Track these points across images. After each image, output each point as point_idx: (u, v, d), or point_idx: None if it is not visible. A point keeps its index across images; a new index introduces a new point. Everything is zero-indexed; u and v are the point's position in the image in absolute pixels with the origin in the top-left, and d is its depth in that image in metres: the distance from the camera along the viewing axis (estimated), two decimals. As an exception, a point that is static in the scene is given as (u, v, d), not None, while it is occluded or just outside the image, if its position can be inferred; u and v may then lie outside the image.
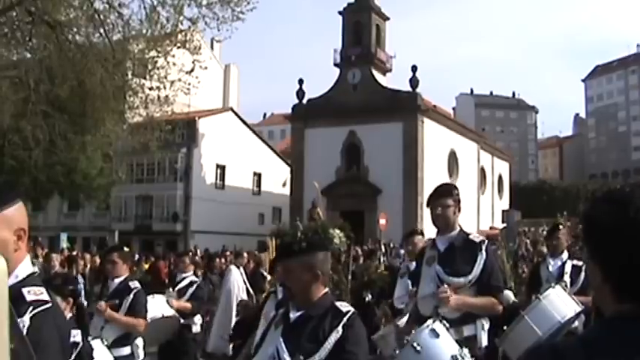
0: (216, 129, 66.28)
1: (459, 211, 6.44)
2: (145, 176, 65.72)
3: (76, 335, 5.69)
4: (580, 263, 9.28)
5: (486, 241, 6.43)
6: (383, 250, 26.53)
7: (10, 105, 24.05)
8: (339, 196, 55.05)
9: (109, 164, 44.02)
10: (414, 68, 59.00)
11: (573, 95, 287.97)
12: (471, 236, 6.42)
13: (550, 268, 9.22)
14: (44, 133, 25.35)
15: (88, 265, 21.89)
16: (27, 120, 24.66)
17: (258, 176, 73.08)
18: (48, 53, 24.66)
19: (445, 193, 6.45)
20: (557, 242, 9.42)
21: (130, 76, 26.04)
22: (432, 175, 56.29)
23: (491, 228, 65.08)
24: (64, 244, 38.21)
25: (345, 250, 27.76)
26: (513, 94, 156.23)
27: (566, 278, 8.86)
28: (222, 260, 21.48)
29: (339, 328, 4.13)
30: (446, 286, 5.91)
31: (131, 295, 8.19)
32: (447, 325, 5.48)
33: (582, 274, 8.98)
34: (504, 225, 38.77)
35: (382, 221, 41.22)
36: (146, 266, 25.73)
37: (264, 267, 19.05)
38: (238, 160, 68.01)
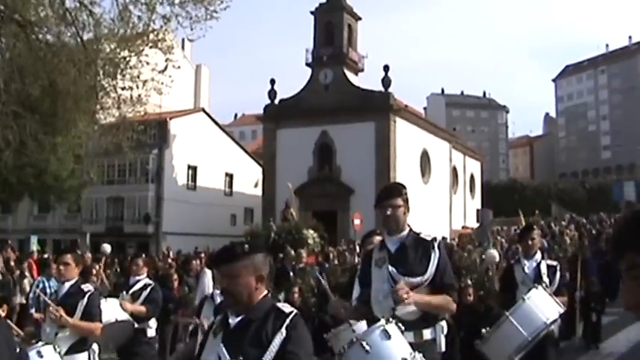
0: (187, 130, 66.09)
1: (408, 210, 6.24)
2: (116, 177, 65.42)
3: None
4: (555, 263, 9.32)
5: (438, 239, 6.24)
6: (358, 250, 26.32)
7: (-22, 105, 23.67)
8: (311, 196, 55.17)
9: (80, 165, 43.65)
10: (386, 68, 58.96)
11: (543, 95, 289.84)
12: (422, 235, 6.19)
13: (526, 270, 9.05)
14: (14, 134, 24.94)
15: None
16: (-4, 120, 24.29)
17: (230, 177, 72.90)
18: (18, 52, 24.31)
19: (395, 192, 6.26)
20: (532, 243, 9.22)
21: (101, 76, 25.70)
22: (405, 175, 56.32)
23: (463, 227, 65.33)
24: (35, 246, 37.88)
25: (319, 251, 27.75)
26: (484, 93, 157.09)
27: (545, 279, 8.77)
28: (198, 262, 21.21)
29: (283, 330, 4.04)
30: (402, 282, 5.74)
31: (85, 299, 7.95)
32: (402, 327, 5.28)
33: (558, 275, 9.01)
34: (478, 224, 38.81)
35: (357, 221, 41.08)
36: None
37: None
38: (210, 160, 67.94)
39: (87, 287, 8.19)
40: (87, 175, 44.21)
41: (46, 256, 27.52)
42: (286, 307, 4.20)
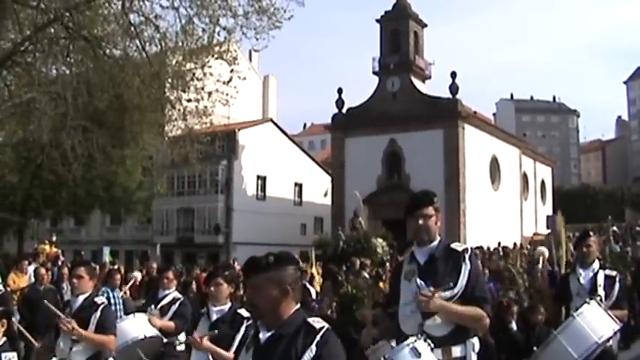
0: (256, 140, 66.50)
1: (439, 220, 5.97)
2: (186, 189, 66.16)
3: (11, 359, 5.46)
4: (613, 273, 8.72)
5: (469, 250, 5.88)
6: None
7: (48, 120, 24.00)
8: (380, 205, 54.84)
9: (149, 178, 44.12)
10: (454, 74, 58.61)
11: (615, 98, 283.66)
12: (452, 245, 5.89)
13: (581, 280, 8.52)
14: (83, 148, 25.29)
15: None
16: (66, 134, 24.61)
17: (299, 187, 73.13)
18: (86, 67, 24.66)
19: (426, 201, 5.96)
20: (587, 250, 8.67)
21: (167, 89, 25.92)
22: (474, 182, 55.93)
23: (535, 234, 64.54)
24: (107, 257, 38.38)
25: (388, 259, 27.60)
26: (554, 98, 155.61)
27: (600, 291, 8.25)
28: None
29: (313, 347, 3.86)
30: (432, 288, 5.49)
31: (98, 312, 7.82)
32: (432, 345, 5.14)
33: (616, 286, 8.45)
34: (549, 231, 38.22)
35: (424, 230, 40.82)
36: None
37: (306, 278, 18.77)
38: (279, 170, 68.22)
39: (100, 300, 8.10)
40: (155, 187, 44.65)
41: (116, 267, 27.81)
42: (317, 323, 4.02)
